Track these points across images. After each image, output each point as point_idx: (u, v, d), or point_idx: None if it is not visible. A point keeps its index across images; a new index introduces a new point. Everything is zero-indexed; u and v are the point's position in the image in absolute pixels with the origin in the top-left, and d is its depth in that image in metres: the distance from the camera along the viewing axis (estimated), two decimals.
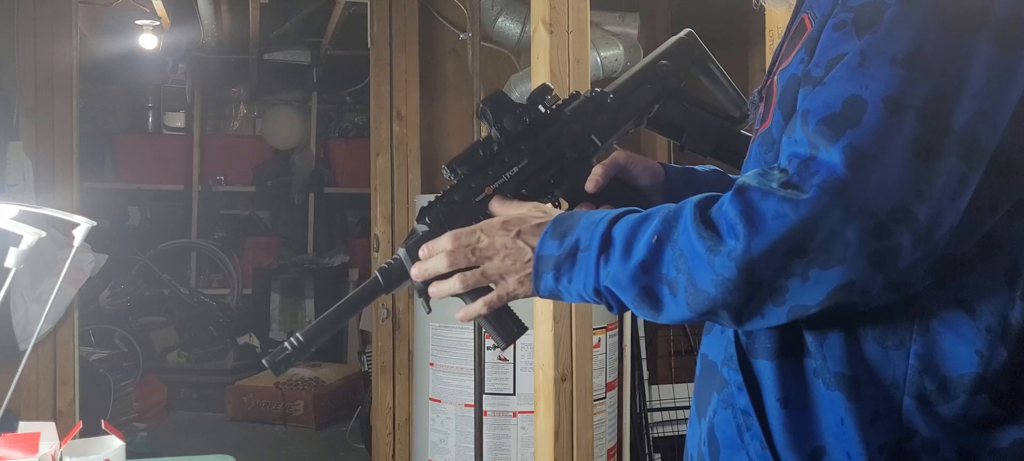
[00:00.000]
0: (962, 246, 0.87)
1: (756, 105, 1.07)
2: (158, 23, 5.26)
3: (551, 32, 2.26)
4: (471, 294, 1.10)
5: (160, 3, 4.63)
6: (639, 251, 0.94)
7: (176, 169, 7.31)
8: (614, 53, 3.54)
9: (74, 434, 1.67)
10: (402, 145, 3.84)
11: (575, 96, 1.24)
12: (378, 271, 1.15)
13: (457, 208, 1.15)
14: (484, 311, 1.10)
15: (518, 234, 1.06)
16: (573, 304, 2.36)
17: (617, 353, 3.40)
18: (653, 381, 3.70)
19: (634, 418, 3.57)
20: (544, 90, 1.22)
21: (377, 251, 3.85)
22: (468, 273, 1.08)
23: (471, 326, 2.98)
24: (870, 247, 0.83)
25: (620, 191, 1.20)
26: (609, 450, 3.25)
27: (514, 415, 3.03)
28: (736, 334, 0.99)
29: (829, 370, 0.92)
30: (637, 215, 0.98)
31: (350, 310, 1.18)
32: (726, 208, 0.88)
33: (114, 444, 1.70)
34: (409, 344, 3.74)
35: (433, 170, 3.94)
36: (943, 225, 0.84)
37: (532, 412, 2.62)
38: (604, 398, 3.16)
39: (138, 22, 5.35)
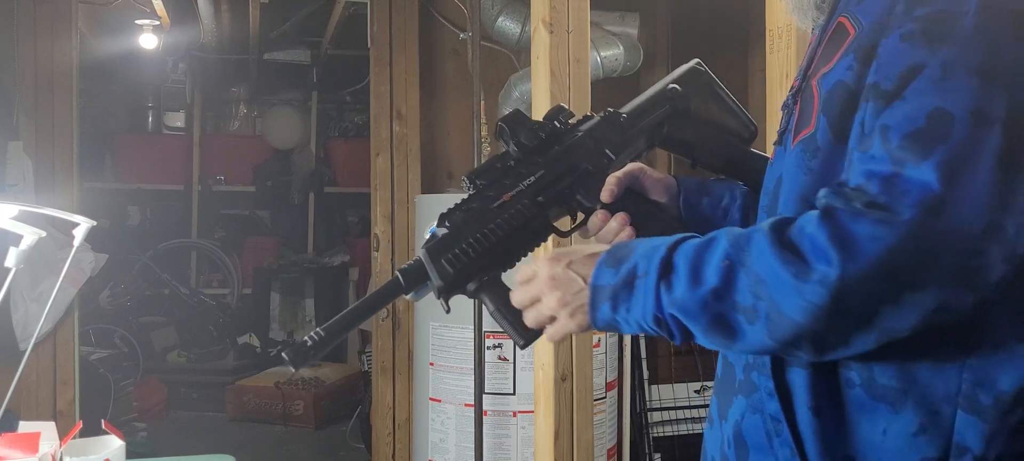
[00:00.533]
0: None
1: (790, 108, 1.05)
2: (158, 23, 5.26)
3: (551, 32, 2.25)
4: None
5: (160, 3, 4.63)
6: (710, 277, 0.90)
7: (176, 169, 7.31)
8: (614, 53, 3.54)
9: (74, 434, 1.67)
10: (402, 145, 3.84)
11: (589, 117, 1.28)
12: (399, 271, 1.17)
13: (475, 214, 1.17)
14: (548, 340, 1.11)
15: (569, 265, 1.03)
16: None
17: (617, 353, 3.40)
18: (653, 381, 3.70)
19: (634, 418, 3.57)
20: (559, 110, 1.26)
21: (377, 251, 3.85)
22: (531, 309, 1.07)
23: (471, 326, 2.98)
24: (965, 265, 0.81)
25: (635, 202, 1.22)
26: (609, 450, 3.25)
27: (514, 415, 3.03)
28: None
29: (875, 382, 0.91)
30: (699, 240, 0.94)
31: (371, 308, 1.20)
32: (812, 231, 0.85)
33: (114, 444, 1.70)
34: (409, 344, 3.74)
35: (433, 169, 3.94)
36: None
37: (532, 412, 2.61)
38: (604, 398, 3.16)
39: (138, 22, 5.35)
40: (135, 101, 7.59)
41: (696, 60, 1.36)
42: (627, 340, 3.51)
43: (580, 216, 1.24)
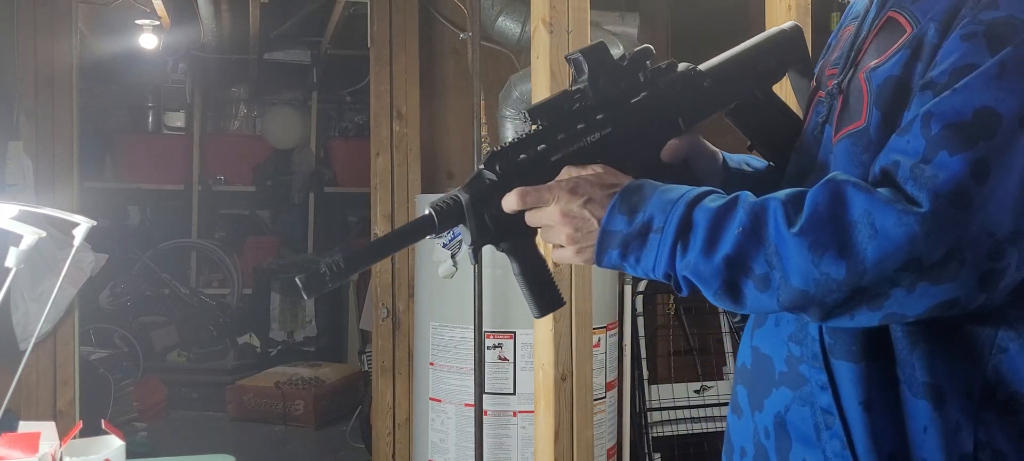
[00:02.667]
0: None
1: (834, 97, 1.03)
2: (158, 23, 5.26)
3: (551, 32, 2.25)
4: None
5: (160, 3, 4.63)
6: (725, 244, 0.90)
7: (176, 169, 7.31)
8: (614, 53, 3.54)
9: (74, 434, 1.67)
10: (402, 144, 3.84)
11: (672, 67, 1.15)
12: (433, 209, 1.03)
13: (529, 166, 1.04)
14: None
15: (585, 203, 0.99)
16: (572, 303, 2.36)
17: (617, 353, 3.39)
18: (653, 381, 3.70)
19: (634, 418, 3.57)
20: (646, 53, 1.13)
21: None
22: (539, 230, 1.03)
23: (471, 326, 2.98)
24: (985, 268, 0.81)
25: (683, 171, 1.13)
26: (609, 450, 3.25)
27: (514, 415, 3.03)
28: (821, 334, 0.97)
29: (917, 379, 0.92)
30: (718, 203, 0.93)
31: (396, 243, 1.08)
32: (831, 209, 0.86)
33: (114, 444, 1.70)
34: (409, 344, 3.74)
35: (433, 169, 3.94)
36: None
37: (532, 412, 2.61)
38: (604, 398, 3.16)
39: (138, 22, 5.35)
40: (135, 101, 7.59)
41: (793, 23, 1.22)
42: (627, 340, 3.52)
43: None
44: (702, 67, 1.16)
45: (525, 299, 1.09)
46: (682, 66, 1.16)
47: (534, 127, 1.08)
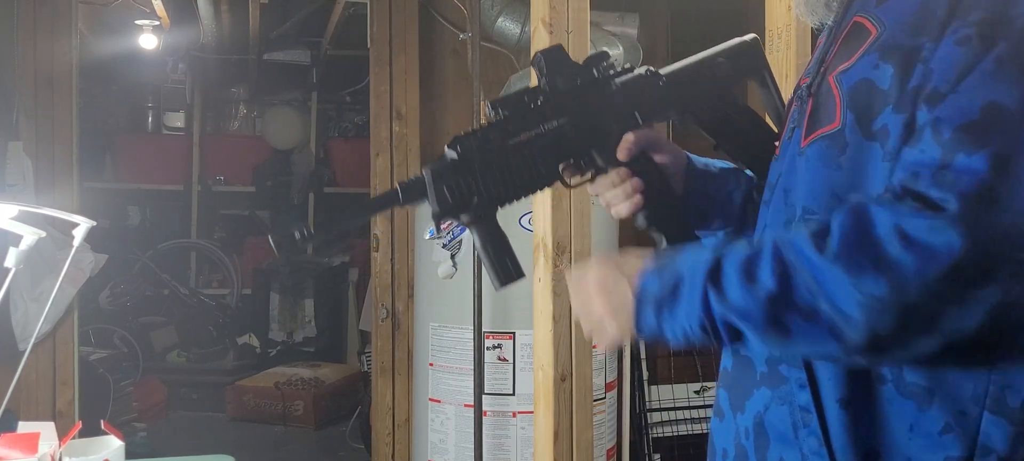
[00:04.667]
0: None
1: (804, 100, 1.04)
2: (158, 23, 5.27)
3: (551, 32, 2.25)
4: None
5: (160, 3, 4.63)
6: (765, 279, 0.88)
7: (176, 169, 7.31)
8: (614, 53, 3.54)
9: (73, 434, 1.67)
10: (402, 145, 3.84)
11: (628, 70, 1.23)
12: (399, 185, 1.14)
13: (490, 147, 1.13)
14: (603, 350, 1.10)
15: (618, 269, 1.01)
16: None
17: (616, 353, 3.39)
18: (653, 381, 3.70)
19: (634, 418, 3.57)
20: (602, 56, 1.21)
21: (377, 251, 3.85)
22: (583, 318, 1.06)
23: (470, 327, 2.98)
24: (1018, 259, 0.80)
25: (646, 165, 1.18)
26: (608, 450, 3.25)
27: (514, 415, 3.03)
28: None
29: (904, 379, 0.92)
30: (744, 246, 0.93)
31: (364, 212, 1.21)
32: (861, 231, 0.84)
33: (113, 444, 1.70)
34: (409, 344, 3.74)
35: None
36: None
37: (532, 412, 2.61)
38: (604, 398, 3.16)
39: (138, 22, 5.35)
40: (135, 101, 7.59)
41: (753, 35, 1.29)
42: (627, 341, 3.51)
43: (589, 173, 1.20)
44: (661, 71, 1.24)
45: (487, 271, 1.17)
46: (641, 69, 1.23)
47: (494, 117, 1.17)
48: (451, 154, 1.13)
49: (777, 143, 1.13)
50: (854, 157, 0.94)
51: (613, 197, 1.18)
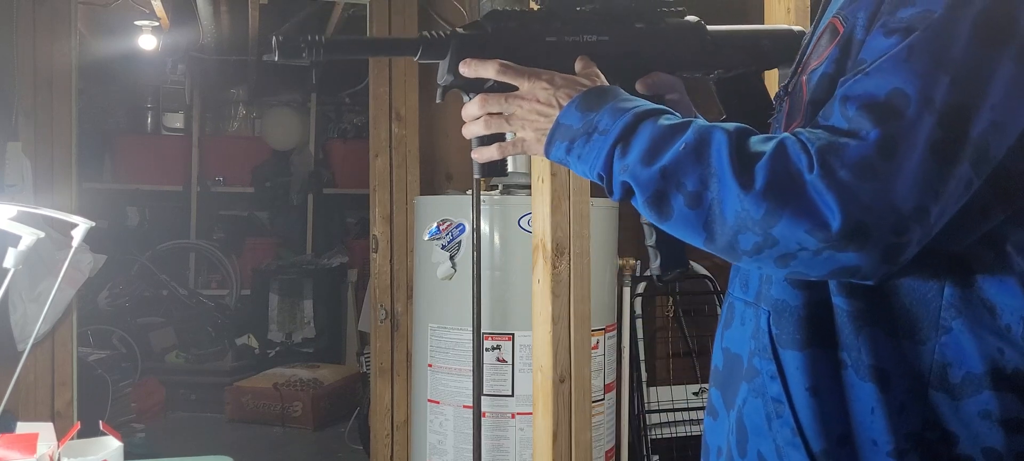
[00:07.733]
0: (954, 244, 0.91)
1: (781, 100, 1.08)
2: (157, 24, 5.27)
3: None
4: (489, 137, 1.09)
5: (159, 4, 4.64)
6: (665, 156, 0.93)
7: (175, 170, 7.31)
8: None
9: (72, 435, 1.67)
10: (401, 146, 3.84)
11: (681, 10, 1.20)
12: (423, 39, 1.11)
13: (527, 35, 1.09)
14: (497, 156, 1.11)
15: (556, 91, 1.04)
16: (571, 305, 2.36)
17: (615, 355, 3.39)
18: (652, 383, 3.70)
19: (632, 420, 3.57)
20: None
21: (376, 252, 3.85)
22: (493, 118, 1.08)
23: (470, 328, 2.98)
24: (889, 242, 0.85)
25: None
26: (607, 452, 3.25)
27: (513, 416, 3.03)
28: (768, 325, 1.01)
29: (863, 363, 0.95)
30: (669, 121, 0.96)
31: (379, 49, 1.17)
32: (765, 158, 0.89)
33: (112, 445, 1.70)
34: (408, 345, 3.74)
35: (432, 171, 3.94)
36: (941, 225, 0.87)
37: (531, 414, 2.61)
38: (602, 400, 3.16)
39: (137, 22, 5.36)
40: (134, 102, 7.59)
41: (801, 28, 1.27)
42: (625, 342, 3.51)
43: None
44: (710, 27, 1.22)
45: (474, 163, 1.16)
46: (692, 18, 1.21)
47: (539, 5, 1.11)
48: (487, 26, 1.09)
49: None
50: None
51: None
